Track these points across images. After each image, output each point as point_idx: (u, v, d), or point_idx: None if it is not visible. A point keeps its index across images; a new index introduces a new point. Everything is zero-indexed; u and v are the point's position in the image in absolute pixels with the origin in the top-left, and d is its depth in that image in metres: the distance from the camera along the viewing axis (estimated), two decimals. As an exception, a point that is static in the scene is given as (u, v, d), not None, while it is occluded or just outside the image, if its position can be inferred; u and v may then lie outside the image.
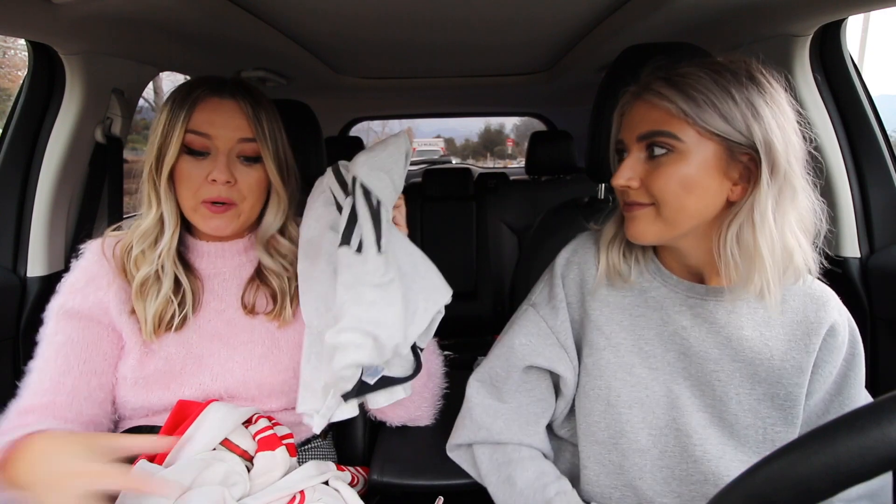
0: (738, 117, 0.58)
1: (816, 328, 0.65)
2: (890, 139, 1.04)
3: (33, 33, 0.95)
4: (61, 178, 1.07)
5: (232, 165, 0.75)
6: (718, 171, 0.60)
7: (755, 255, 0.58)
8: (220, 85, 0.77)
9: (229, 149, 0.75)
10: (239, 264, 0.83)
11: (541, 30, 1.28)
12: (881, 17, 16.56)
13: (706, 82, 0.58)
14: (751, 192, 0.59)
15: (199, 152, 0.75)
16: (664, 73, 0.62)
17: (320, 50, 1.43)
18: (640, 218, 0.64)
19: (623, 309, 0.72)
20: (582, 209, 1.06)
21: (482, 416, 0.76)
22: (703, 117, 0.58)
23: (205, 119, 0.74)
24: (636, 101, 0.64)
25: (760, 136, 0.57)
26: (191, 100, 0.74)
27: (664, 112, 0.60)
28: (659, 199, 0.62)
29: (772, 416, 0.66)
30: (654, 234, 0.64)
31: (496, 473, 0.73)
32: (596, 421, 0.71)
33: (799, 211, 0.60)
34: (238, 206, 0.77)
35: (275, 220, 0.82)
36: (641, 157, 0.64)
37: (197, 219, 0.76)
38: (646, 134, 0.62)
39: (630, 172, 0.64)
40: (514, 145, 19.62)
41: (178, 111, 0.74)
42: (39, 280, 1.05)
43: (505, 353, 0.77)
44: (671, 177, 0.61)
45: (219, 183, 0.74)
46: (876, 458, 0.31)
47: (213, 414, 0.68)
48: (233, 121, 0.75)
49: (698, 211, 0.62)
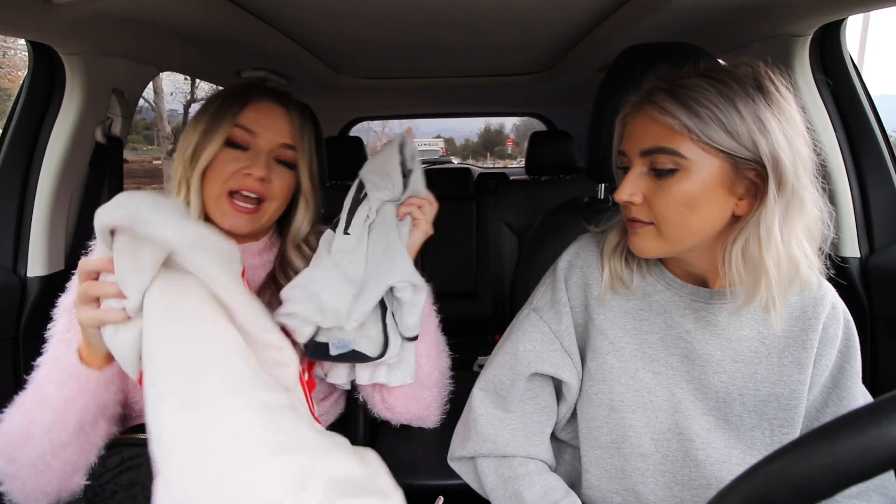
0: (744, 132, 0.55)
1: (814, 324, 0.65)
2: (890, 139, 1.04)
3: (33, 33, 0.95)
4: (61, 178, 1.07)
5: (269, 164, 0.78)
6: (723, 187, 0.58)
7: (761, 270, 0.57)
8: (274, 92, 0.82)
9: (270, 150, 0.79)
10: (252, 266, 0.84)
11: (541, 30, 1.28)
12: (881, 17, 16.49)
13: (710, 95, 0.56)
14: (757, 206, 0.57)
15: (240, 146, 0.77)
16: (667, 83, 0.60)
17: (320, 50, 1.43)
18: (643, 235, 0.63)
19: (626, 313, 0.71)
20: (582, 209, 1.06)
21: (487, 427, 0.75)
22: (707, 133, 0.56)
23: (253, 118, 0.78)
24: (638, 113, 0.62)
25: (767, 150, 0.55)
26: (244, 98, 0.78)
27: (666, 127, 0.58)
28: (661, 217, 0.61)
29: (778, 416, 0.65)
30: (656, 250, 0.64)
31: (503, 489, 0.72)
32: (599, 426, 0.71)
33: (806, 220, 0.58)
34: (266, 206, 0.79)
35: (304, 222, 0.86)
36: (644, 172, 0.62)
37: (216, 212, 0.77)
38: (648, 150, 0.60)
39: (633, 188, 0.62)
40: (514, 145, 19.63)
41: (229, 106, 0.77)
42: (39, 280, 1.05)
43: (509, 361, 0.75)
44: (674, 196, 0.59)
45: (254, 177, 0.76)
46: (876, 458, 0.31)
47: None
48: (279, 125, 0.80)
49: (702, 228, 0.60)
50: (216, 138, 0.76)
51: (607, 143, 0.88)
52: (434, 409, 0.88)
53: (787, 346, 0.66)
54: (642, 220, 0.63)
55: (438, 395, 0.88)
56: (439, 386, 0.88)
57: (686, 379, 0.68)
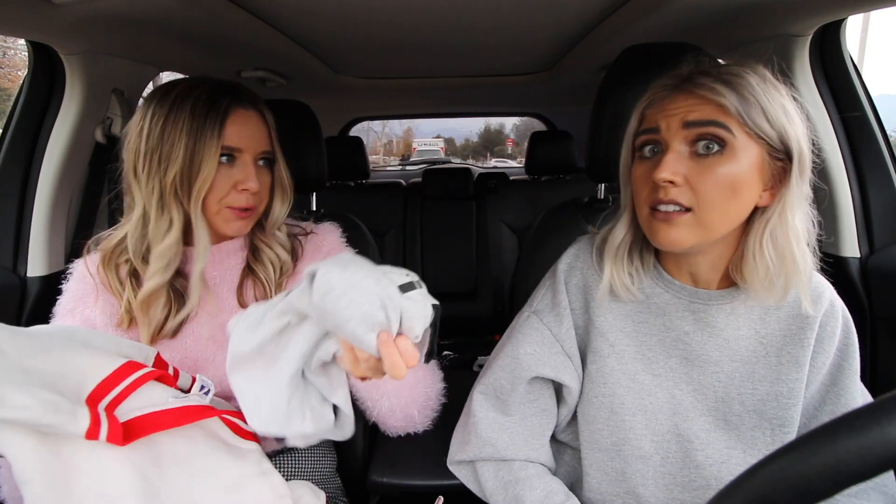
0: (779, 121, 0.57)
1: (811, 322, 0.65)
2: (890, 139, 1.04)
3: (33, 33, 0.95)
4: (61, 178, 1.07)
5: (258, 173, 0.78)
6: (759, 174, 0.59)
7: (788, 257, 0.59)
8: (245, 95, 0.78)
9: (255, 157, 0.78)
10: (228, 267, 0.83)
11: (541, 30, 1.28)
12: (881, 17, 16.53)
13: (752, 84, 0.57)
14: (781, 196, 0.59)
15: (225, 156, 0.75)
16: (710, 68, 0.60)
17: (320, 50, 1.43)
18: (680, 225, 0.59)
19: (626, 315, 0.71)
20: (582, 209, 1.06)
21: (487, 431, 0.74)
22: (753, 118, 0.57)
23: (236, 132, 0.74)
24: (678, 93, 0.60)
25: (795, 140, 0.58)
26: (219, 112, 0.73)
27: (717, 106, 0.57)
28: (704, 201, 0.58)
29: (778, 416, 0.65)
30: (690, 242, 0.60)
31: (503, 492, 0.72)
32: (599, 428, 0.70)
33: (803, 214, 0.61)
34: (257, 209, 0.80)
35: (282, 211, 0.85)
36: (684, 152, 0.59)
37: (219, 222, 0.77)
38: (698, 122, 0.57)
39: (676, 165, 0.58)
40: (514, 145, 19.63)
41: (208, 124, 0.72)
42: (39, 280, 1.05)
43: (509, 364, 0.74)
44: (722, 176, 0.57)
45: (250, 192, 0.76)
46: (876, 458, 0.31)
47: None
48: (259, 133, 0.78)
49: (738, 215, 0.60)
50: (207, 161, 0.71)
51: (607, 143, 0.88)
52: (427, 422, 0.88)
53: (785, 344, 0.66)
54: (682, 203, 0.59)
55: (430, 414, 0.88)
56: (413, 396, 0.85)
57: (685, 380, 0.68)
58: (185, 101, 0.72)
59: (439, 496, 0.78)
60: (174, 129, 0.71)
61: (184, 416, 0.57)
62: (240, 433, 0.63)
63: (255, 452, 0.63)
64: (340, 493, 0.92)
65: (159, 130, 0.71)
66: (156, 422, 0.55)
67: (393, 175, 3.83)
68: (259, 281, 0.82)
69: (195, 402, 0.59)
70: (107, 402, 0.53)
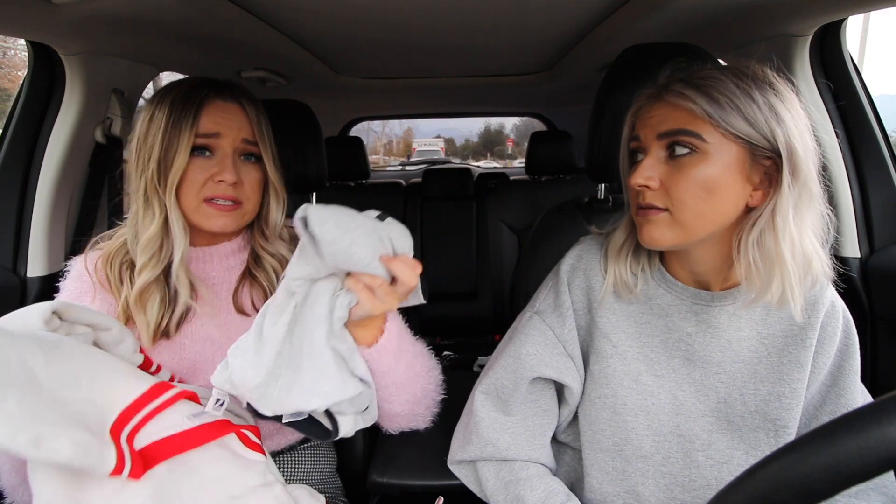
0: (761, 120, 0.57)
1: (813, 323, 0.65)
2: (890, 139, 1.04)
3: (33, 33, 0.95)
4: (61, 178, 1.07)
5: (236, 165, 0.77)
6: (740, 173, 0.59)
7: (776, 260, 0.58)
8: (222, 86, 0.78)
9: (234, 149, 0.77)
10: (227, 268, 0.83)
11: (541, 30, 1.28)
12: (881, 17, 16.58)
13: (728, 85, 0.57)
14: (772, 196, 0.58)
15: (204, 151, 0.75)
16: (684, 74, 0.61)
17: (320, 50, 1.43)
18: (656, 223, 0.62)
19: (629, 316, 0.71)
20: (582, 209, 1.06)
21: (489, 431, 0.74)
22: (727, 119, 0.57)
23: (211, 121, 0.75)
24: (655, 103, 0.62)
25: (783, 139, 0.57)
26: (195, 103, 0.74)
27: (687, 113, 0.59)
28: (677, 202, 0.60)
29: (781, 416, 0.65)
30: (669, 240, 0.62)
31: (504, 493, 0.72)
32: (601, 429, 0.70)
33: (813, 216, 0.60)
34: (244, 206, 0.78)
35: (278, 214, 0.84)
36: (661, 157, 0.61)
37: (199, 218, 0.76)
38: (668, 132, 0.60)
39: (650, 171, 0.61)
40: (514, 145, 19.62)
41: (184, 116, 0.73)
42: (39, 280, 1.05)
43: (511, 364, 0.74)
44: (692, 178, 0.59)
45: (226, 183, 0.75)
46: (876, 458, 0.31)
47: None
48: (238, 122, 0.77)
49: (717, 216, 0.60)
50: (180, 152, 0.72)
51: (607, 143, 0.88)
52: (428, 418, 0.86)
53: (787, 344, 0.66)
54: (657, 205, 0.61)
55: (431, 407, 0.86)
56: (411, 390, 0.82)
57: (688, 381, 0.68)
58: (167, 97, 0.75)
59: (439, 496, 0.78)
60: (154, 123, 0.74)
61: (202, 436, 0.58)
62: (249, 445, 0.63)
63: (260, 464, 0.63)
64: (340, 494, 0.92)
65: (145, 128, 0.75)
66: (175, 445, 0.56)
67: (393, 175, 3.83)
68: (259, 285, 0.82)
69: (212, 418, 0.60)
70: (130, 429, 0.55)
